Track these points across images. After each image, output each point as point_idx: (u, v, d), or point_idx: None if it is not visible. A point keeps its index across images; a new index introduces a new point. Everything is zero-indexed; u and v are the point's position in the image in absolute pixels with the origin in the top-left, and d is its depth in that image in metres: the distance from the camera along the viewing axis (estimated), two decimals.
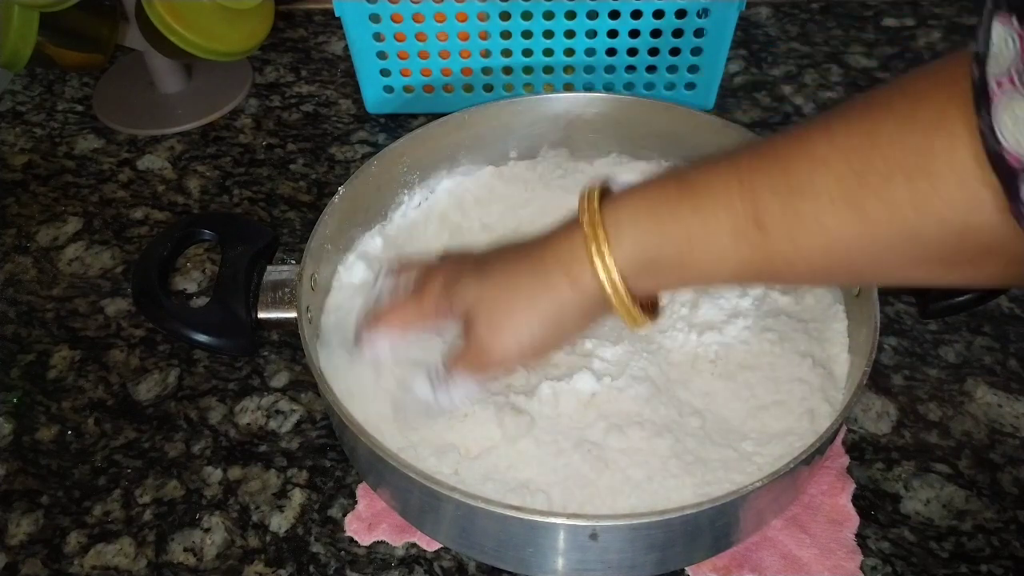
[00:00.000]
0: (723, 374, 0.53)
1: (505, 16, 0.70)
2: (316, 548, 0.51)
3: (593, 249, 0.40)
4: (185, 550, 0.52)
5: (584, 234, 0.41)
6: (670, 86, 0.76)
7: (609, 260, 0.40)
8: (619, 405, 0.51)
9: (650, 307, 0.44)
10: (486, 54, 0.73)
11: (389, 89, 0.77)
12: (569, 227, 0.42)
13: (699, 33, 0.71)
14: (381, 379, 0.52)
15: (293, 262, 0.55)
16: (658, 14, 0.70)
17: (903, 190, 0.32)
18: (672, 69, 0.74)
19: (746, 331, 0.55)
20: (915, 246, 0.34)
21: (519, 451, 0.49)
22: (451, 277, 0.47)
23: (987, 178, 0.30)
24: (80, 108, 0.82)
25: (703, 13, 0.70)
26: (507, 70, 0.75)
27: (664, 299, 0.50)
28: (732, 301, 0.56)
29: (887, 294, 0.53)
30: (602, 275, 0.40)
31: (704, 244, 0.39)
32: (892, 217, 0.33)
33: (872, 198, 0.33)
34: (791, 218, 0.36)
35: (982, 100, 0.29)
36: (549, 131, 0.65)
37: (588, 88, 0.75)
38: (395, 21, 0.71)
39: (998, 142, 0.28)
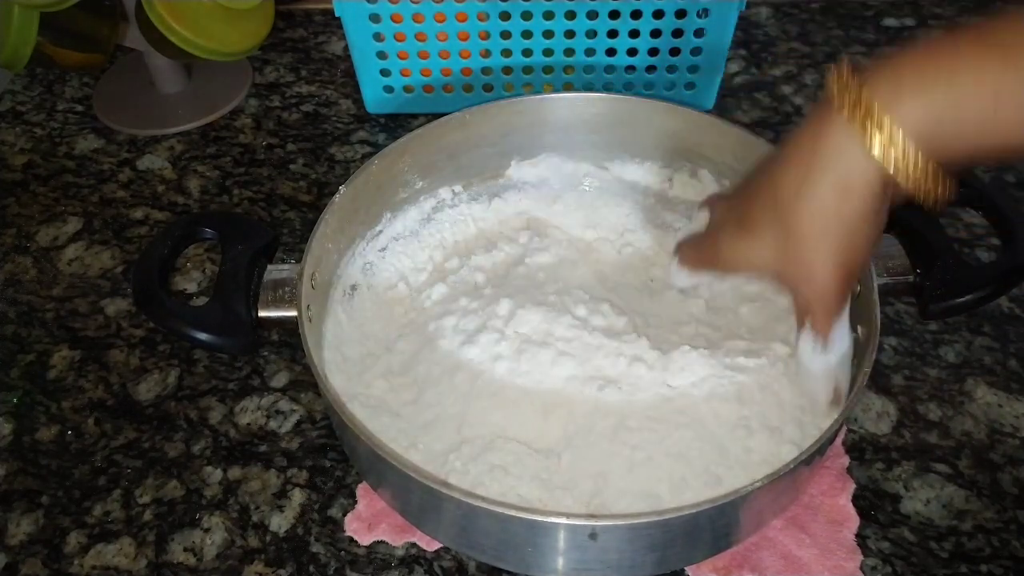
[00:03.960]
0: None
1: (505, 16, 0.70)
2: (316, 548, 0.51)
3: (874, 140, 0.36)
4: (185, 550, 0.52)
5: (855, 130, 0.36)
6: (670, 86, 0.76)
7: (898, 141, 0.36)
8: (619, 404, 0.51)
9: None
10: (486, 54, 0.73)
11: (389, 89, 0.77)
12: (831, 127, 0.38)
13: (699, 33, 0.71)
14: None
15: (293, 261, 0.55)
16: (658, 14, 0.70)
17: None
18: (672, 69, 0.74)
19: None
20: None
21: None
22: (728, 230, 0.46)
23: None
24: (80, 108, 0.82)
25: (703, 13, 0.70)
26: (507, 70, 0.75)
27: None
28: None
29: (887, 294, 0.53)
30: (895, 162, 0.36)
31: (1016, 99, 0.35)
32: None
33: None
34: None
35: None
36: (549, 131, 0.65)
37: (588, 88, 0.75)
38: (395, 21, 0.71)
39: None
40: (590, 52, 0.73)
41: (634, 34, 0.72)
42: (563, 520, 0.42)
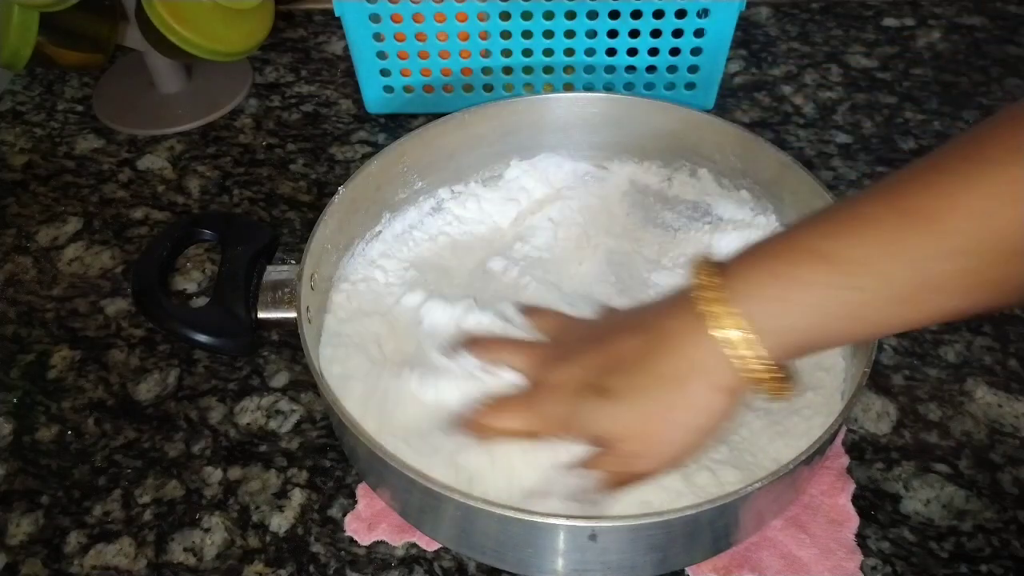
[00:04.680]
0: None
1: (505, 16, 0.70)
2: (316, 548, 0.51)
3: (734, 351, 0.39)
4: (185, 550, 0.52)
5: (716, 339, 0.39)
6: (670, 86, 0.76)
7: (760, 351, 0.39)
8: None
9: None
10: (486, 54, 0.73)
11: (389, 89, 0.77)
12: (693, 324, 0.40)
13: (699, 33, 0.71)
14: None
15: (293, 262, 0.55)
16: (658, 14, 0.70)
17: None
18: (672, 69, 0.74)
19: None
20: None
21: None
22: (570, 394, 0.45)
23: None
24: (80, 108, 0.82)
25: (703, 13, 0.70)
26: (507, 70, 0.74)
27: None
28: None
29: None
30: (753, 367, 0.39)
31: (843, 307, 0.38)
32: None
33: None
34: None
35: None
36: (549, 131, 0.65)
37: (588, 88, 0.75)
38: (395, 21, 0.71)
39: None
40: (590, 52, 0.73)
41: (634, 34, 0.72)
42: (563, 521, 0.42)
